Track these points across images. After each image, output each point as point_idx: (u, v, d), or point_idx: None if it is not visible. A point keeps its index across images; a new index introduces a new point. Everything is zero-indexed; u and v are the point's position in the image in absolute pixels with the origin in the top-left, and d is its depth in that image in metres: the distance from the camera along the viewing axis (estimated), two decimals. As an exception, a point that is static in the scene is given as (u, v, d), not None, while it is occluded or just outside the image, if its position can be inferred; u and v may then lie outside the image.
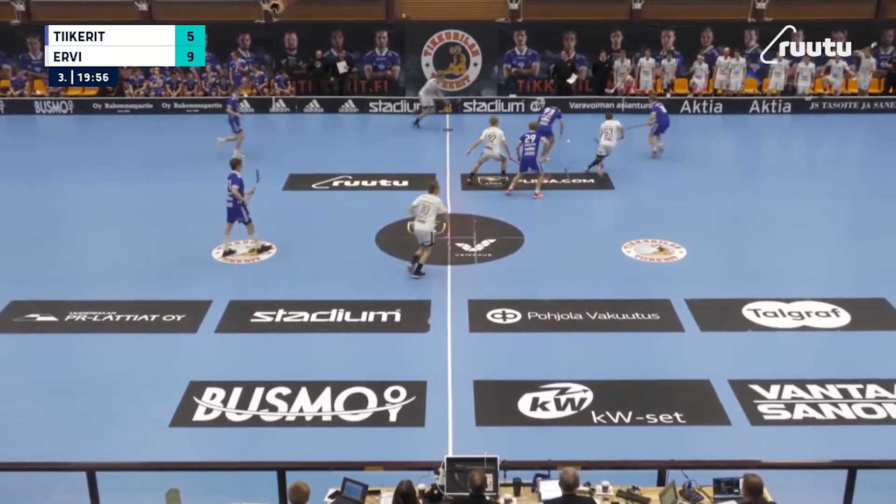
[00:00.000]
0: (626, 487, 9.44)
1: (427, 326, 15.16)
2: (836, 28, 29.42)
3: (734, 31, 29.71)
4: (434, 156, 24.54)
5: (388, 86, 29.79)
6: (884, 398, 13.02)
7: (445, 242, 18.49)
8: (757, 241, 18.80)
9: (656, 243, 18.52)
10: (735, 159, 25.00)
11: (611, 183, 22.19)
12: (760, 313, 15.60)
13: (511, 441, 11.82)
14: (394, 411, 12.70)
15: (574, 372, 13.60)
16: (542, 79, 29.74)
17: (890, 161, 24.18)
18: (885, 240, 18.89)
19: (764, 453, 10.43)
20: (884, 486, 9.60)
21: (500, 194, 21.60)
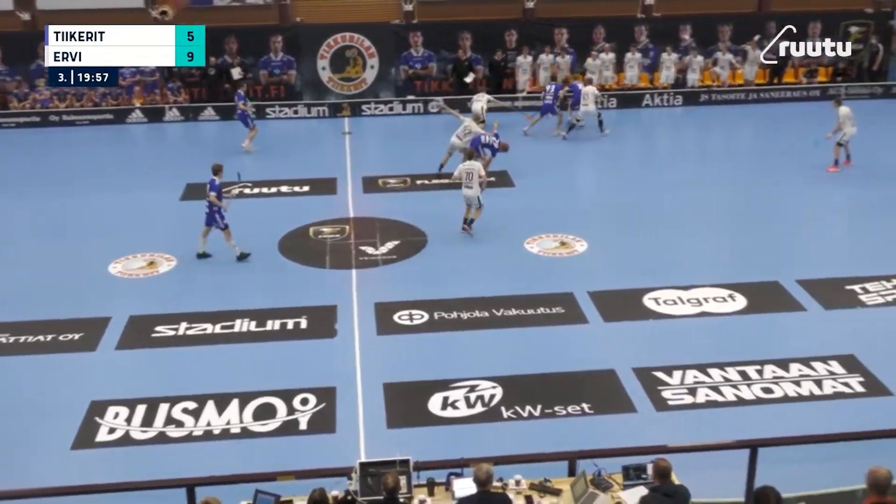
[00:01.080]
0: (538, 480, 9.54)
1: (334, 332, 15.07)
2: (722, 22, 30.26)
3: (625, 26, 30.27)
4: (334, 159, 24.41)
5: (285, 90, 29.50)
6: (780, 377, 13.45)
7: (349, 246, 18.42)
8: (654, 232, 19.20)
9: (558, 238, 18.77)
10: (630, 152, 25.46)
11: (511, 180, 22.38)
12: (660, 302, 15.95)
13: (423, 442, 11.83)
14: (304, 419, 12.60)
15: (483, 369, 13.70)
16: (440, 79, 29.84)
17: (776, 149, 24.92)
18: (776, 224, 19.50)
19: (670, 438, 10.65)
20: (784, 461, 9.89)
21: (402, 195, 21.59)
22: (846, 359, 13.90)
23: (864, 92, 29.45)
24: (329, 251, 18.35)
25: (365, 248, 18.36)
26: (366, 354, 14.34)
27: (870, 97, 29.29)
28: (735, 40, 30.11)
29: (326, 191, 21.96)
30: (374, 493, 9.01)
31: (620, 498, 9.31)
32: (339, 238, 18.96)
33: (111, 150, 25.83)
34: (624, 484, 9.45)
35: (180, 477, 9.73)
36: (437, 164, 22.55)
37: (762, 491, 7.79)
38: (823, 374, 13.53)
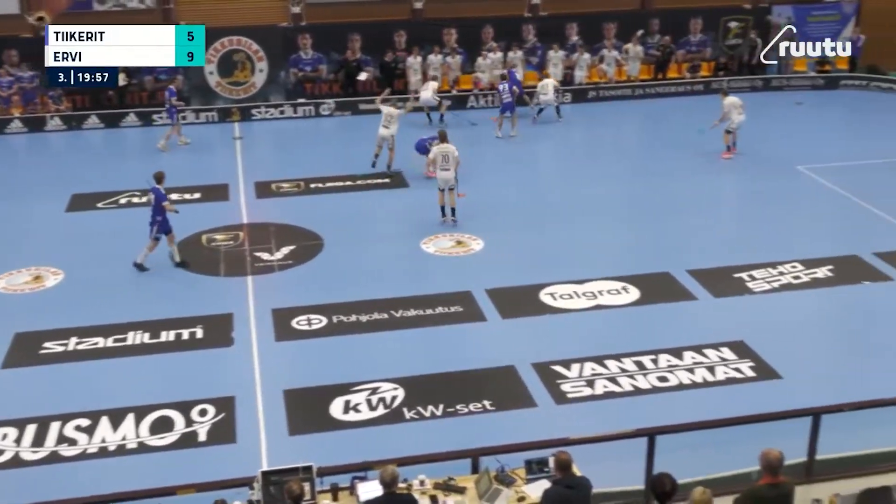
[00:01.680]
0: (443, 479, 9.57)
1: (231, 340, 14.85)
2: (607, 20, 30.82)
3: (513, 26, 30.57)
4: (225, 165, 24.03)
5: (172, 96, 28.89)
6: (675, 366, 13.79)
7: (244, 253, 18.16)
8: (548, 228, 19.45)
9: (453, 237, 18.86)
10: (522, 150, 25.71)
11: (405, 181, 22.39)
12: (556, 296, 16.16)
13: (326, 447, 11.77)
14: (202, 431, 12.38)
15: (383, 371, 13.68)
16: (330, 81, 29.65)
17: (663, 143, 25.52)
18: (666, 217, 19.97)
19: (570, 430, 10.76)
20: (681, 447, 10.13)
21: (296, 200, 21.37)
22: (736, 345, 14.33)
23: (745, 85, 30.34)
24: (223, 258, 18.06)
25: (260, 255, 18.12)
26: (264, 362, 14.17)
27: (751, 90, 30.18)
28: (620, 37, 30.70)
29: (218, 197, 21.59)
30: (278, 502, 8.91)
31: (524, 492, 9.41)
32: (232, 245, 18.68)
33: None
34: (527, 478, 9.56)
35: (76, 497, 9.46)
36: (370, 161, 22.65)
37: (658, 478, 7.97)
38: (715, 361, 13.91)
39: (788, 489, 8.15)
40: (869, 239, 18.35)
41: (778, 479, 8.02)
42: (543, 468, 9.56)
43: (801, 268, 17.08)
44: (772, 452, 8.03)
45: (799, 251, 17.69)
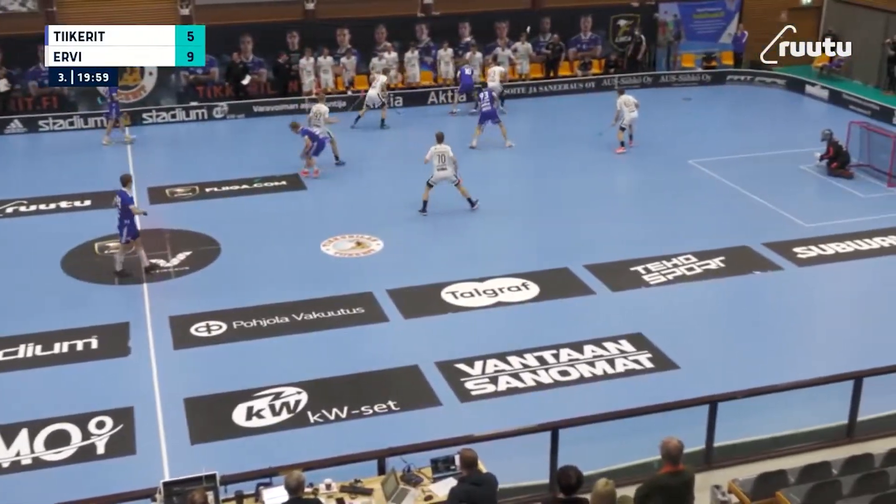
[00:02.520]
0: (349, 481, 9.55)
1: (128, 350, 14.54)
2: (499, 19, 31.09)
3: (406, 26, 30.59)
4: (117, 171, 23.29)
5: (58, 101, 28.05)
6: (576, 360, 14.01)
7: (138, 260, 17.75)
8: (447, 227, 19.56)
9: (353, 238, 18.80)
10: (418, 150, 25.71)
11: (303, 183, 22.22)
12: (458, 295, 16.26)
13: (230, 454, 11.64)
14: (101, 443, 12.11)
15: (286, 375, 13.58)
16: (223, 84, 29.20)
17: (558, 140, 25.84)
18: (563, 213, 20.28)
19: (475, 427, 10.88)
20: (584, 439, 10.33)
21: (192, 204, 21.00)
22: (635, 337, 14.65)
23: (635, 82, 30.98)
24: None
25: (156, 261, 17.74)
26: (163, 370, 13.91)
27: (640, 87, 30.83)
28: (512, 36, 31.02)
29: (110, 204, 20.98)
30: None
31: (431, 491, 9.46)
32: (127, 252, 18.23)
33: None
34: (433, 477, 9.62)
35: (-33, 517, 9.17)
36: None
37: (563, 470, 8.09)
38: (615, 354, 14.19)
39: (689, 476, 8.35)
40: (759, 230, 18.97)
41: (678, 467, 8.21)
42: (449, 466, 9.63)
43: (694, 260, 17.54)
44: (671, 441, 8.22)
45: (692, 243, 18.16)
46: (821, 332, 15.69)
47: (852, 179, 22.10)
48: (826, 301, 16.75)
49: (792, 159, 23.43)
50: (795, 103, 29.95)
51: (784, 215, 19.90)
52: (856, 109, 27.81)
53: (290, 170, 22.68)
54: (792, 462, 10.16)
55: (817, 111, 28.73)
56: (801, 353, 14.69)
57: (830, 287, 17.08)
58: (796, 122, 27.72)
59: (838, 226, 19.24)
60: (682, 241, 18.30)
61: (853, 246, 18.32)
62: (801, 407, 11.89)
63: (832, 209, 20.52)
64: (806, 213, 19.92)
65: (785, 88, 31.05)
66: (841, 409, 11.27)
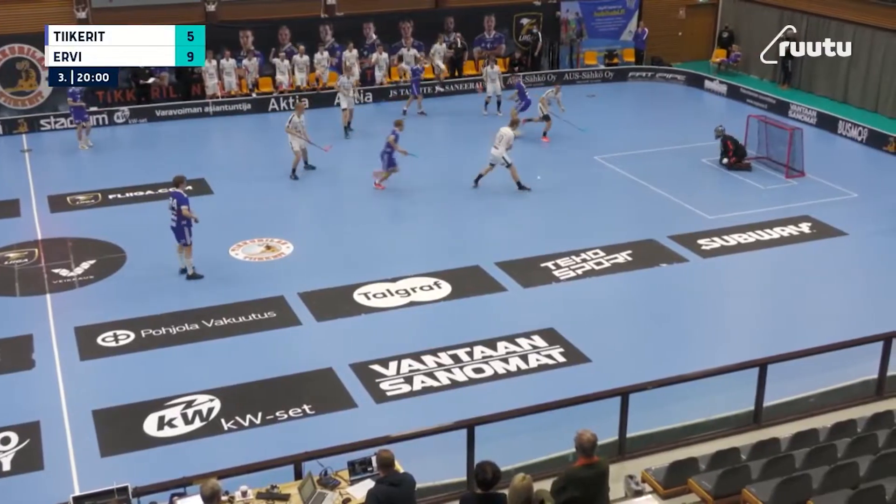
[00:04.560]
0: (266, 488, 9.45)
1: (31, 363, 14.16)
2: (403, 19, 31.10)
3: (310, 27, 30.37)
4: (15, 179, 22.73)
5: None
6: (489, 356, 14.12)
7: (40, 270, 17.29)
8: (358, 228, 19.47)
9: (263, 242, 18.61)
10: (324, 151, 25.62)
11: (209, 187, 21.87)
12: (370, 296, 16.24)
13: (142, 466, 11.45)
14: (6, 460, 11.79)
15: (198, 383, 13.41)
16: (124, 88, 28.54)
17: (465, 137, 25.97)
18: (471, 212, 20.39)
19: (391, 427, 10.87)
20: (501, 435, 10.40)
21: (94, 212, 20.48)
22: (547, 332, 14.82)
23: (539, 80, 31.31)
24: (18, 277, 17.14)
25: (58, 271, 17.29)
26: (70, 382, 13.59)
27: (545, 84, 31.18)
28: (417, 36, 31.05)
29: (9, 214, 20.43)
30: (93, 527, 8.58)
31: (349, 493, 9.41)
32: (27, 263, 17.75)
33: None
34: (351, 479, 9.57)
35: None
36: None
37: (480, 466, 8.14)
38: (528, 349, 14.34)
39: (604, 468, 8.46)
40: (664, 223, 19.38)
41: (592, 459, 8.32)
42: (367, 468, 9.59)
43: (602, 254, 17.83)
44: (585, 434, 8.32)
45: (600, 238, 18.46)
46: (726, 321, 16.10)
47: (751, 172, 22.72)
48: (730, 291, 17.19)
49: (693, 153, 24.00)
50: (695, 98, 30.66)
51: (688, 208, 20.36)
52: (753, 103, 28.62)
53: (196, 174, 22.29)
54: (702, 449, 10.39)
55: (716, 106, 29.46)
56: (708, 342, 15.06)
57: (734, 277, 17.54)
58: (697, 117, 28.34)
59: (740, 217, 19.78)
60: (590, 237, 18.59)
61: (755, 236, 18.85)
62: (710, 395, 12.17)
63: (733, 201, 21.05)
64: (708, 206, 20.41)
65: (685, 84, 31.74)
66: (748, 395, 11.56)
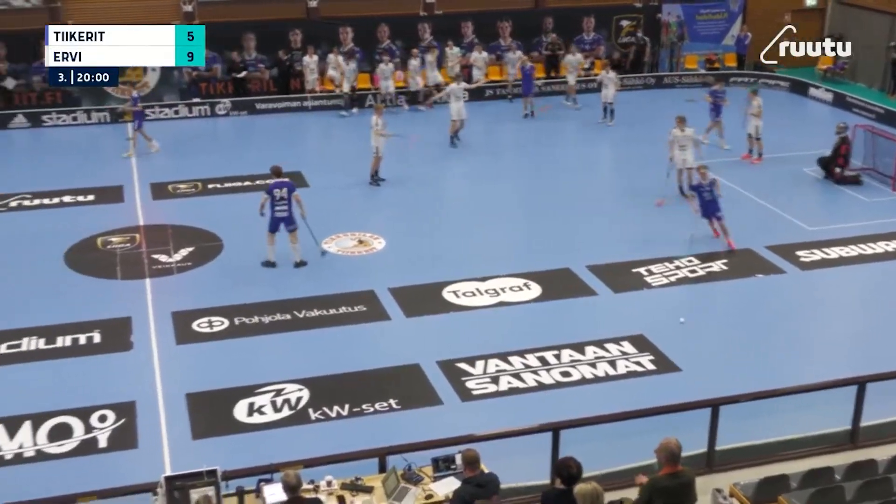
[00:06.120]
0: (350, 479, 9.56)
1: (130, 344, 14.55)
2: (501, 18, 31.08)
3: (409, 25, 30.57)
4: (120, 166, 23.44)
5: (62, 97, 28.05)
6: (577, 361, 14.01)
7: (141, 255, 17.78)
8: (449, 226, 19.55)
9: (356, 236, 18.80)
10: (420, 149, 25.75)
11: (305, 180, 22.19)
12: (460, 294, 16.26)
13: (231, 450, 11.66)
14: (103, 437, 12.13)
15: (288, 372, 13.59)
16: (225, 81, 29.19)
17: (554, 141, 25.83)
18: (562, 213, 20.24)
19: (476, 426, 10.89)
20: (585, 440, 10.30)
21: (194, 200, 20.99)
22: (636, 339, 14.64)
23: (638, 83, 30.99)
24: (120, 262, 17.65)
25: (158, 257, 17.77)
26: (165, 365, 13.92)
27: (643, 87, 30.86)
28: (515, 36, 31.01)
29: (113, 199, 21.07)
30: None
31: (431, 490, 9.46)
32: (129, 247, 18.27)
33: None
34: (434, 476, 9.62)
35: (-29, 509, 9.18)
36: None
37: (564, 461, 8.13)
38: (617, 355, 14.19)
39: (689, 478, 8.35)
40: (761, 233, 18.95)
41: (677, 468, 8.21)
42: (450, 465, 9.64)
43: (696, 262, 17.54)
44: (671, 442, 8.21)
45: (695, 246, 18.14)
46: (824, 336, 15.62)
47: (857, 184, 22.04)
48: (829, 305, 16.74)
49: (795, 162, 23.41)
50: (799, 106, 29.92)
51: (787, 218, 19.88)
52: (860, 113, 27.74)
53: (292, 167, 22.62)
54: (794, 467, 10.14)
55: (821, 114, 28.67)
56: (803, 357, 14.66)
57: (833, 291, 17.07)
58: (799, 125, 27.67)
59: (842, 230, 19.21)
60: (685, 243, 18.29)
61: (857, 250, 18.29)
62: (804, 411, 11.84)
63: (836, 213, 20.51)
64: (809, 217, 19.90)
65: (788, 91, 31.02)
66: (844, 414, 11.25)
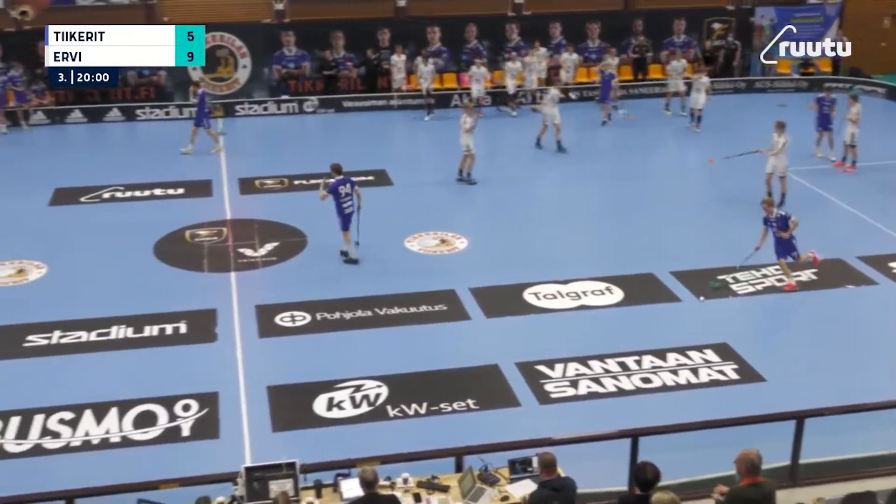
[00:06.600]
0: (426, 477, 9.58)
1: (214, 336, 14.82)
2: (590, 20, 30.88)
3: (496, 25, 30.57)
4: (209, 161, 23.93)
5: (155, 92, 28.76)
6: (658, 367, 13.83)
7: (227, 249, 18.11)
8: (532, 228, 19.48)
9: (438, 236, 18.86)
10: (505, 149, 25.73)
11: (389, 178, 22.37)
12: (540, 296, 16.19)
13: (309, 444, 11.77)
14: (186, 425, 12.36)
15: (367, 369, 13.68)
16: (314, 79, 29.59)
17: (641, 146, 25.56)
18: (647, 218, 20.00)
19: (554, 430, 10.82)
20: (665, 448, 10.14)
21: (280, 196, 21.33)
22: (720, 347, 14.38)
23: (728, 87, 30.49)
24: (206, 254, 18.00)
25: (244, 251, 18.08)
26: (248, 358, 14.13)
27: (734, 91, 30.36)
28: (603, 38, 30.79)
29: (202, 193, 21.53)
30: (261, 498, 8.94)
31: (507, 492, 9.43)
32: (216, 241, 18.63)
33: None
34: (510, 477, 9.59)
35: (59, 489, 9.42)
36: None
37: (640, 466, 8.06)
38: (699, 363, 13.97)
39: (770, 490, 8.19)
40: (853, 243, 18.45)
41: (758, 479, 8.07)
42: (527, 468, 9.59)
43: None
44: (751, 452, 8.08)
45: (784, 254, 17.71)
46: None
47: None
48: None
49: (891, 171, 22.76)
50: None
51: (880, 228, 19.31)
52: (961, 121, 26.91)
53: (377, 165, 22.85)
54: (882, 484, 9.83)
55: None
56: (894, 371, 14.23)
57: (927, 305, 16.55)
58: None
59: (939, 242, 18.61)
60: (773, 252, 17.87)
61: (954, 263, 17.70)
62: (893, 427, 11.54)
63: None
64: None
65: (885, 97, 30.17)
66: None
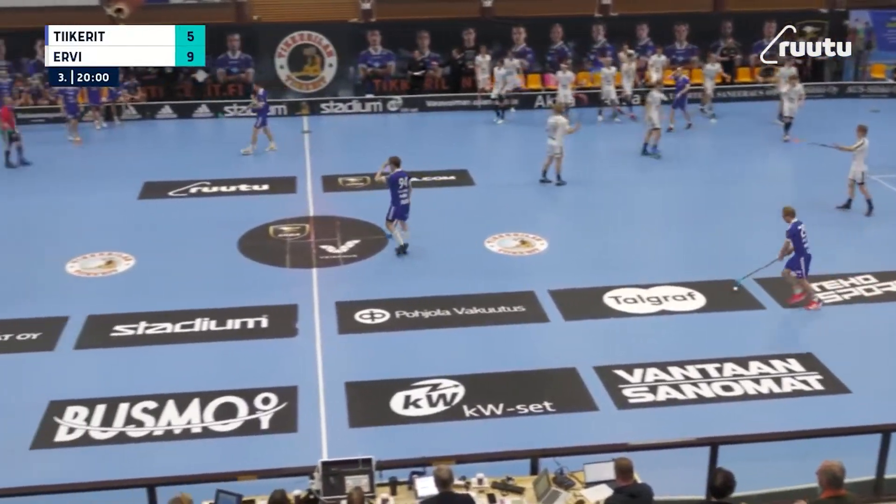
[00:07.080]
0: (501, 478, 9.57)
1: (295, 331, 15.01)
2: (678, 21, 30.50)
3: (582, 26, 30.40)
4: (294, 158, 24.28)
5: (243, 89, 29.26)
6: (740, 375, 13.58)
7: (309, 245, 18.33)
8: (614, 231, 19.31)
9: (518, 237, 18.82)
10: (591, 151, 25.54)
11: (471, 178, 22.40)
12: (621, 300, 16.04)
13: (385, 440, 11.84)
14: (265, 418, 12.54)
15: (445, 368, 13.70)
16: (399, 78, 29.80)
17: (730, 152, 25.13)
18: (731, 224, 19.68)
19: (631, 435, 10.71)
20: (744, 458, 9.96)
21: (362, 194, 21.52)
22: (805, 357, 14.07)
23: (820, 91, 29.83)
24: (289, 250, 18.25)
25: (325, 247, 18.28)
26: (327, 353, 14.28)
27: (825, 96, 29.69)
28: (692, 40, 30.38)
29: (286, 190, 21.85)
30: (337, 493, 9.02)
31: (582, 496, 9.36)
32: (299, 237, 18.88)
33: (67, 148, 25.48)
34: (586, 482, 9.51)
35: (141, 477, 9.65)
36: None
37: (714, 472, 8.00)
38: (782, 372, 13.68)
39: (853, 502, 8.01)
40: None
41: (840, 492, 7.89)
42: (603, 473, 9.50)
43: (874, 280, 16.71)
44: (834, 465, 7.90)
45: (872, 263, 17.29)
46: None
47: None
48: None
49: None
50: None
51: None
52: None
53: (460, 165, 22.90)
54: (969, 501, 9.58)
55: None
56: None
57: None
58: None
59: None
60: (861, 261, 17.46)
61: None
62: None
63: None
64: None
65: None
66: None
